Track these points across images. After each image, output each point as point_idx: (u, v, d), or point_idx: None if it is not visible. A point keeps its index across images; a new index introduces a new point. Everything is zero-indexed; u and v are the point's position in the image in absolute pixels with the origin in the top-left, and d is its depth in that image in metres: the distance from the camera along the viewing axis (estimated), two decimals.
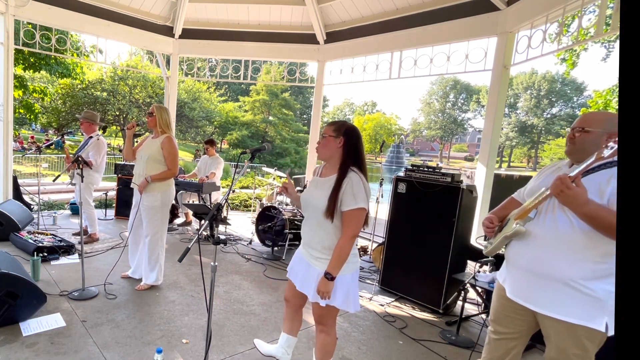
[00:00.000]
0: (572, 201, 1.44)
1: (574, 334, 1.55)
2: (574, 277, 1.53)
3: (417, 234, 3.47)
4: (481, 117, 50.96)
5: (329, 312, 1.92)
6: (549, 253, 1.59)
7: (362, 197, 1.78)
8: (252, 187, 8.63)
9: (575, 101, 43.71)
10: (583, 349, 1.56)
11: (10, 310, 2.53)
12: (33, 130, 27.60)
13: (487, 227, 1.87)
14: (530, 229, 1.66)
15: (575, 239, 1.53)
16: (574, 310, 1.53)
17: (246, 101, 32.34)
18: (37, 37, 5.50)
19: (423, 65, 5.31)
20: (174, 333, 2.68)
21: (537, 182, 1.78)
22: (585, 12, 3.82)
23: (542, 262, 1.61)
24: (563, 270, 1.55)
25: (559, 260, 1.56)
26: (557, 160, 1.96)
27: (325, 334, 2.01)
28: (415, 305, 3.48)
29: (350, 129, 1.89)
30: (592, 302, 1.51)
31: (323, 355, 2.03)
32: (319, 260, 1.89)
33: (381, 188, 4.81)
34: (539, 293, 1.63)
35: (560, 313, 1.56)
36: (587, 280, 1.51)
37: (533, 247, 1.65)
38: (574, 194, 1.42)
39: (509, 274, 1.80)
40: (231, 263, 4.33)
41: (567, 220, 1.55)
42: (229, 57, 7.23)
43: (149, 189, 3.25)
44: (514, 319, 1.77)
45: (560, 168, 1.74)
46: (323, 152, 1.91)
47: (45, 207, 6.25)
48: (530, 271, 1.66)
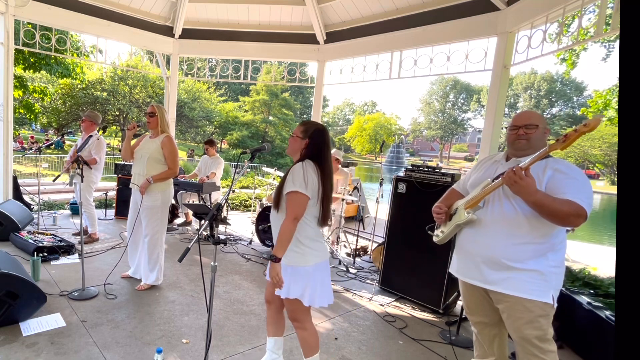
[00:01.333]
0: (524, 190, 1.58)
1: (528, 311, 1.70)
2: (521, 258, 1.71)
3: (417, 234, 3.46)
4: (481, 117, 50.96)
5: (297, 306, 1.95)
6: (498, 237, 1.76)
7: (300, 182, 1.83)
8: (252, 187, 8.63)
9: (575, 101, 43.74)
10: (540, 329, 1.70)
11: (10, 310, 2.53)
12: (33, 130, 27.60)
13: (437, 214, 2.03)
14: (480, 216, 1.83)
15: (520, 223, 1.72)
16: (524, 286, 1.70)
17: (246, 101, 32.34)
18: (37, 37, 5.50)
19: (423, 65, 5.30)
20: (174, 333, 2.68)
21: (479, 174, 1.96)
22: (585, 12, 3.81)
23: (492, 246, 1.77)
24: (510, 253, 1.73)
25: (506, 243, 1.74)
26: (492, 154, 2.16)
27: (302, 329, 2.04)
28: (415, 305, 3.48)
29: (317, 132, 1.95)
30: (538, 278, 1.70)
31: (307, 350, 2.08)
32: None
33: (381, 188, 4.81)
34: (489, 273, 1.79)
35: (513, 289, 1.72)
36: (530, 259, 1.70)
37: (483, 233, 1.81)
38: (526, 184, 1.56)
39: (459, 258, 1.96)
40: (231, 263, 4.33)
41: (512, 207, 1.74)
42: (229, 57, 7.23)
43: (150, 188, 3.25)
44: (481, 305, 1.94)
45: (498, 161, 1.91)
46: (289, 149, 2.02)
47: (45, 207, 6.25)
48: (482, 255, 1.81)
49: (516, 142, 1.81)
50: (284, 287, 1.89)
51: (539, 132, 1.77)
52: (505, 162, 1.88)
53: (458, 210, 1.93)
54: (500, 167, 1.85)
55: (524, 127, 1.78)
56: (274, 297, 2.10)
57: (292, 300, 1.92)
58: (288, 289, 1.90)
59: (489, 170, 1.91)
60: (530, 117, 1.81)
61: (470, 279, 1.89)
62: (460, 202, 1.95)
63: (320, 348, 2.64)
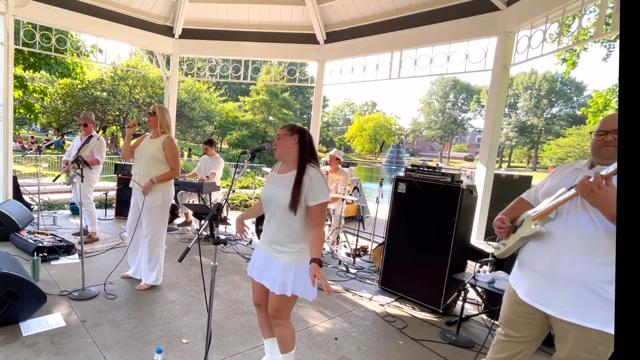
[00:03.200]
0: (602, 201, 1.39)
1: (589, 338, 1.52)
2: (595, 281, 1.48)
3: (417, 234, 3.47)
4: (481, 117, 50.98)
5: (286, 303, 1.99)
6: (571, 255, 1.54)
7: (326, 191, 1.90)
8: (252, 187, 8.63)
9: (575, 101, 43.75)
10: (595, 354, 1.53)
11: (10, 310, 2.53)
12: (33, 130, 27.61)
13: (498, 228, 1.82)
14: (550, 229, 1.61)
15: (599, 242, 1.48)
16: (591, 314, 1.50)
17: (246, 101, 32.36)
18: (37, 37, 5.50)
19: (423, 65, 5.31)
20: (174, 333, 2.68)
21: (554, 182, 1.73)
22: (585, 12, 3.81)
23: (562, 264, 1.56)
24: (585, 273, 1.50)
25: (581, 262, 1.51)
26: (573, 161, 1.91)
27: (281, 327, 2.05)
28: (415, 305, 3.48)
29: (302, 129, 2.01)
30: (608, 306, 1.47)
31: (285, 346, 2.08)
32: (284, 253, 1.95)
33: (381, 188, 4.81)
34: (556, 296, 1.58)
35: (577, 317, 1.52)
36: (607, 283, 1.47)
37: (553, 248, 1.60)
38: (605, 193, 1.37)
39: (524, 276, 1.74)
40: (231, 263, 4.33)
41: (590, 221, 1.51)
42: (229, 57, 7.24)
43: (151, 189, 3.25)
44: (527, 323, 1.73)
45: (580, 169, 1.68)
46: (280, 150, 1.99)
47: (45, 207, 6.25)
48: (548, 273, 1.61)
49: (603, 149, 1.56)
50: (286, 285, 1.91)
51: None
52: (588, 170, 1.63)
53: (525, 221, 1.72)
54: (581, 175, 1.58)
55: (613, 132, 1.54)
56: (262, 299, 2.11)
57: (286, 298, 1.94)
58: (294, 286, 1.92)
59: (566, 178, 1.67)
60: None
61: (531, 299, 1.67)
62: (529, 212, 1.74)
63: (320, 348, 2.65)
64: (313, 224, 1.89)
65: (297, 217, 1.90)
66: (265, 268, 2.02)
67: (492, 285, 3.16)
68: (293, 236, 1.93)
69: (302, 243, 1.93)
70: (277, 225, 1.96)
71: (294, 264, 1.92)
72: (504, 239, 1.84)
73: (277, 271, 1.94)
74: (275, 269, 1.95)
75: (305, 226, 1.92)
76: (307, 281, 1.90)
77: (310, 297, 1.97)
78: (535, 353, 2.73)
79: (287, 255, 1.92)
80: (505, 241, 1.83)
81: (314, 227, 1.88)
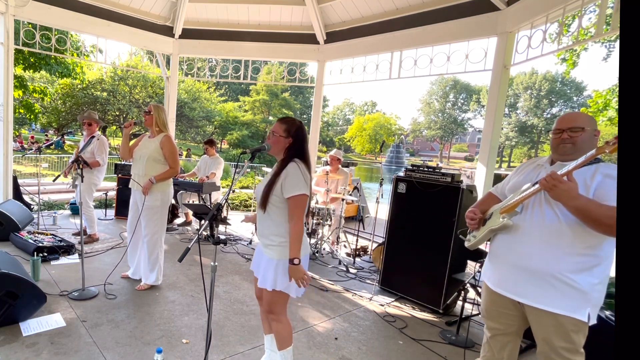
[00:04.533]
0: (564, 195, 1.47)
1: (561, 326, 1.60)
2: (561, 270, 1.57)
3: (417, 234, 3.47)
4: (481, 117, 50.97)
5: (280, 298, 2.00)
6: (536, 246, 1.63)
7: (302, 184, 1.89)
8: (252, 187, 8.63)
9: (575, 101, 43.72)
10: (571, 342, 1.60)
11: (10, 310, 2.53)
12: (33, 130, 27.59)
13: (470, 220, 1.93)
14: (517, 223, 1.71)
15: (562, 233, 1.58)
16: (559, 301, 1.58)
17: (246, 101, 32.37)
18: (37, 37, 5.50)
19: (423, 65, 5.30)
20: (174, 333, 2.68)
21: (519, 177, 1.84)
22: (585, 11, 3.81)
23: (529, 255, 1.65)
24: (550, 263, 1.59)
25: (546, 253, 1.61)
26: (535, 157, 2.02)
27: (277, 322, 2.07)
28: (415, 305, 3.48)
29: (299, 131, 2.00)
30: (576, 294, 1.56)
31: (282, 343, 2.10)
32: (269, 247, 1.98)
33: (381, 188, 4.80)
34: (525, 285, 1.67)
35: (546, 304, 1.61)
36: (572, 272, 1.56)
37: (520, 240, 1.69)
38: (567, 187, 1.46)
39: (494, 267, 1.85)
40: (231, 263, 4.33)
41: (553, 214, 1.60)
42: (229, 57, 7.23)
43: (150, 188, 3.25)
44: (503, 314, 1.82)
45: (542, 165, 1.79)
46: (273, 148, 2.01)
47: (45, 207, 6.25)
48: (517, 264, 1.70)
49: (560, 146, 1.68)
50: (270, 279, 1.94)
51: (586, 135, 1.62)
52: (549, 165, 1.74)
53: (493, 214, 1.82)
54: (543, 172, 1.71)
55: (568, 130, 1.64)
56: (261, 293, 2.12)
57: (276, 292, 1.96)
58: (275, 281, 1.94)
59: (530, 174, 1.79)
60: (575, 119, 1.66)
61: (502, 289, 1.76)
62: (497, 206, 1.84)
63: (320, 348, 2.65)
64: (290, 217, 1.91)
65: (276, 207, 1.93)
66: (259, 262, 2.07)
67: None
68: (273, 227, 1.95)
69: (282, 237, 1.94)
70: (262, 218, 2.00)
71: (275, 260, 1.95)
72: (475, 231, 1.94)
73: (264, 266, 1.99)
74: (264, 263, 2.00)
75: (286, 218, 1.94)
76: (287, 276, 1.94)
77: (294, 293, 1.99)
78: (532, 353, 2.73)
79: (271, 249, 1.96)
80: (475, 233, 1.93)
81: (290, 219, 1.91)
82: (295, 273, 1.86)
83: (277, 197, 1.92)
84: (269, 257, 1.97)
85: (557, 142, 1.69)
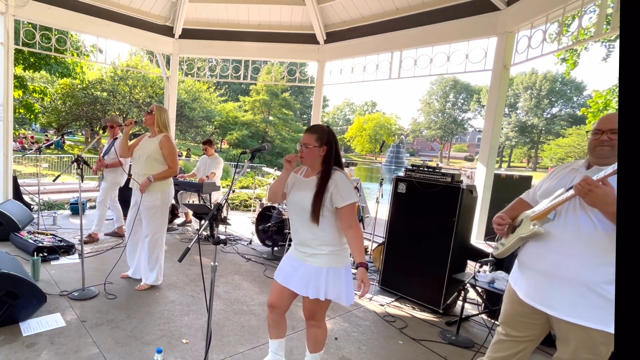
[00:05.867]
0: (600, 200, 1.40)
1: (590, 339, 1.53)
2: (596, 281, 1.49)
3: (417, 234, 3.47)
4: (481, 117, 50.96)
5: (321, 306, 1.99)
6: (570, 255, 1.55)
7: (353, 192, 1.90)
8: (252, 187, 8.63)
9: (575, 101, 43.73)
10: (597, 354, 1.53)
11: (10, 310, 2.53)
12: (33, 130, 27.59)
13: (498, 225, 1.82)
14: (549, 230, 1.62)
15: (598, 241, 1.49)
16: (592, 314, 1.50)
17: (246, 101, 32.34)
18: (37, 37, 5.50)
19: (423, 65, 5.31)
20: (174, 333, 2.68)
21: (552, 183, 1.74)
22: (585, 11, 3.81)
23: (562, 265, 1.57)
24: (585, 273, 1.51)
25: (581, 262, 1.52)
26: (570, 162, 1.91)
27: (317, 327, 2.07)
28: (415, 305, 3.48)
29: (331, 136, 1.98)
30: (610, 306, 1.48)
31: (316, 347, 2.11)
32: (315, 256, 1.94)
33: (381, 188, 4.80)
34: (556, 296, 1.59)
35: (578, 317, 1.53)
36: (607, 283, 1.47)
37: (552, 249, 1.61)
38: (603, 192, 1.39)
39: (523, 276, 1.75)
40: (231, 263, 4.33)
41: (589, 221, 1.52)
42: (229, 57, 7.24)
43: (150, 188, 3.26)
44: (527, 323, 1.74)
45: (577, 169, 1.69)
46: (308, 161, 1.98)
47: (45, 207, 6.25)
48: (549, 274, 1.61)
49: (598, 148, 1.58)
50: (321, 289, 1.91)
51: None
52: (585, 170, 1.64)
53: (523, 221, 1.73)
54: (578, 176, 1.61)
55: (608, 131, 1.55)
56: (280, 301, 2.09)
57: (320, 301, 1.93)
58: (327, 291, 1.91)
59: (564, 179, 1.69)
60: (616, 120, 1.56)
61: (531, 300, 1.67)
62: (527, 212, 1.74)
63: None
64: (347, 225, 1.89)
65: (326, 218, 1.91)
66: (293, 272, 1.99)
67: (492, 285, 3.16)
68: (324, 237, 1.93)
69: (333, 245, 1.93)
70: (305, 227, 1.95)
71: (325, 268, 1.92)
72: (503, 238, 1.84)
73: (309, 275, 1.93)
74: (307, 273, 1.94)
75: (335, 227, 1.93)
76: (340, 285, 1.93)
77: (345, 301, 1.95)
78: (535, 353, 2.73)
79: (318, 258, 1.92)
80: (504, 241, 1.84)
81: (349, 227, 1.89)
82: (364, 275, 1.82)
83: (326, 207, 1.90)
84: (317, 265, 1.92)
85: (596, 143, 1.60)
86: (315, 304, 1.96)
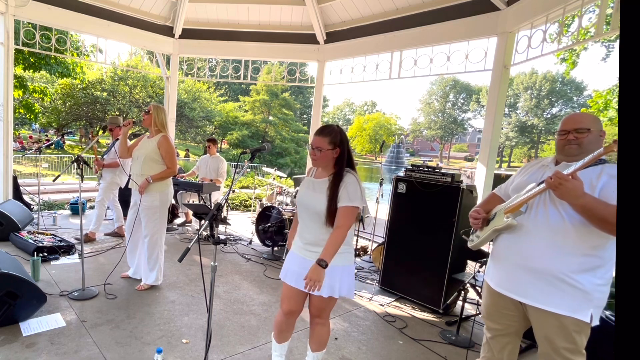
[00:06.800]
0: (570, 193, 1.47)
1: (563, 326, 1.60)
2: (564, 270, 1.57)
3: (417, 234, 3.47)
4: (481, 117, 50.94)
5: (329, 304, 2.01)
6: (540, 246, 1.63)
7: (358, 197, 1.88)
8: (252, 187, 8.63)
9: (575, 101, 43.71)
10: (572, 342, 1.60)
11: (10, 310, 2.53)
12: (33, 130, 27.59)
13: (474, 219, 1.93)
14: (521, 222, 1.70)
15: (567, 233, 1.58)
16: (562, 302, 1.58)
17: (246, 101, 32.31)
18: (37, 37, 5.50)
19: (423, 65, 5.30)
20: (174, 333, 2.68)
21: (524, 178, 1.83)
22: (585, 11, 3.81)
23: (532, 255, 1.65)
24: (553, 263, 1.60)
25: (550, 253, 1.61)
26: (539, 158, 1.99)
27: (322, 325, 2.08)
28: (415, 305, 3.48)
29: (343, 137, 1.96)
30: (579, 294, 1.56)
31: (320, 345, 2.12)
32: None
33: (381, 188, 4.80)
34: (528, 286, 1.67)
35: (549, 304, 1.61)
36: (575, 273, 1.56)
37: (523, 240, 1.69)
38: (572, 186, 1.45)
39: (496, 267, 1.84)
40: (231, 263, 4.33)
41: (558, 214, 1.60)
42: (229, 57, 7.24)
43: (148, 188, 3.26)
44: (504, 315, 1.82)
45: (546, 165, 1.79)
46: (321, 163, 1.97)
47: (45, 207, 6.25)
48: (520, 264, 1.69)
49: (566, 147, 1.67)
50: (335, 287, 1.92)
51: (592, 136, 1.62)
52: (554, 166, 1.73)
53: (497, 214, 1.82)
54: (548, 172, 1.70)
55: (573, 131, 1.64)
56: (296, 306, 2.07)
57: (330, 298, 1.96)
58: (340, 288, 1.94)
59: (535, 174, 1.78)
60: (581, 120, 1.65)
61: (504, 289, 1.76)
62: (500, 206, 1.83)
63: None
64: (339, 224, 1.86)
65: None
66: (304, 272, 1.93)
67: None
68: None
69: (345, 245, 1.93)
70: (315, 229, 1.95)
71: (339, 266, 1.93)
72: (478, 231, 1.94)
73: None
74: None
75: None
76: (350, 282, 1.98)
77: (352, 296, 2.06)
78: (532, 353, 2.73)
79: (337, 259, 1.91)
80: (479, 233, 1.93)
81: (338, 227, 1.86)
82: (316, 274, 1.79)
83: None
84: (332, 264, 1.88)
85: (563, 143, 1.68)
86: (325, 302, 1.97)
